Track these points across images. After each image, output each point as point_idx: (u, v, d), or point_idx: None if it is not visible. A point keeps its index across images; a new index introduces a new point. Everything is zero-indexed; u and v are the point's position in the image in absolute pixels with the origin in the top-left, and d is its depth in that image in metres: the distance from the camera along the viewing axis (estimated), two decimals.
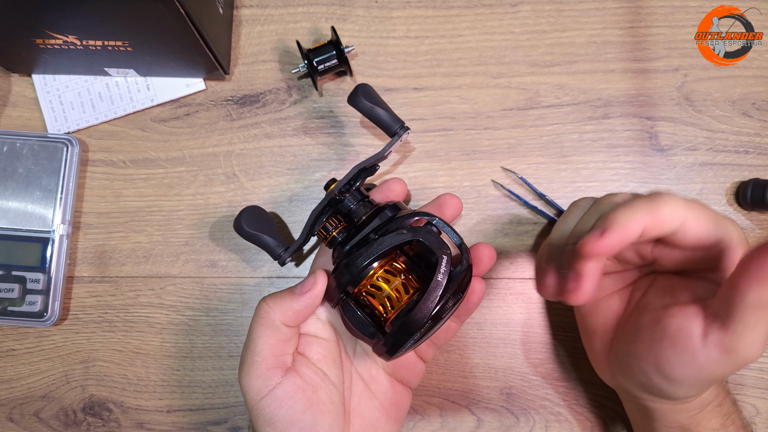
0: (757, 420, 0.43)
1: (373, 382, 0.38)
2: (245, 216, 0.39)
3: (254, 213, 0.39)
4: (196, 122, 0.45)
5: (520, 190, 0.44)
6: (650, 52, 0.45)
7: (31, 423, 0.44)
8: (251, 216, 0.39)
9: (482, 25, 0.45)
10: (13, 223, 0.43)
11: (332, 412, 0.34)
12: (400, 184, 0.39)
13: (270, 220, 0.40)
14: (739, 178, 0.44)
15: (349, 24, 0.45)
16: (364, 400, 0.37)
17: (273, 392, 0.33)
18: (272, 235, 0.39)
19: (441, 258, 0.32)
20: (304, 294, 0.34)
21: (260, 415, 0.33)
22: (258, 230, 0.39)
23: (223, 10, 0.42)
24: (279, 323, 0.33)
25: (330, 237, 0.36)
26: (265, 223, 0.39)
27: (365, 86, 0.38)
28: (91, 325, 0.44)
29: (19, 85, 0.45)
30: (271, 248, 0.39)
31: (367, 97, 0.38)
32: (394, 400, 0.38)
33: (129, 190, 0.45)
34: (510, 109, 0.45)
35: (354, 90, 0.38)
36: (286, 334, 0.34)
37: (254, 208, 0.39)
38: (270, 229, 0.39)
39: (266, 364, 0.33)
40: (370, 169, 0.39)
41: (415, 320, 0.30)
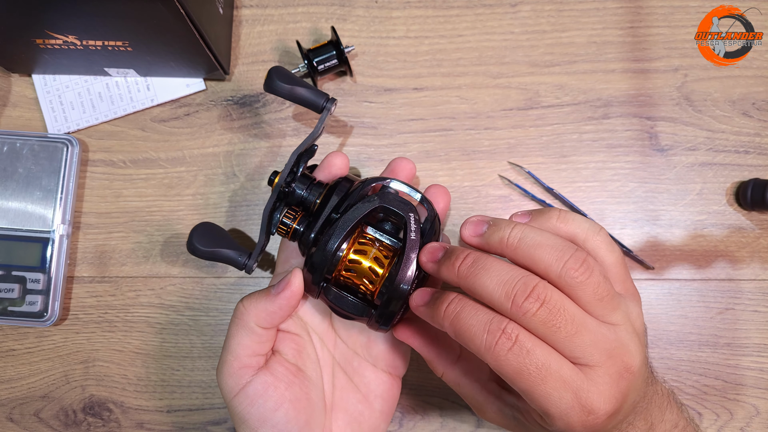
0: (756, 420, 0.43)
1: (355, 375, 0.38)
2: (196, 236, 0.36)
3: (205, 230, 0.37)
4: (196, 122, 0.45)
5: (527, 185, 0.44)
6: (650, 52, 0.45)
7: (31, 423, 0.44)
8: (202, 234, 0.37)
9: (482, 25, 0.45)
10: (13, 223, 0.43)
11: (309, 408, 0.34)
12: (341, 158, 0.38)
13: (223, 233, 0.38)
14: (739, 178, 0.44)
15: (349, 24, 0.45)
16: (347, 394, 0.37)
17: (244, 390, 0.33)
18: (230, 246, 0.37)
19: (408, 217, 0.32)
20: (278, 295, 0.33)
21: (234, 413, 0.33)
22: (214, 246, 0.36)
23: (223, 10, 0.42)
24: (253, 324, 0.33)
25: (291, 230, 0.35)
26: (218, 236, 0.37)
27: (279, 68, 0.37)
28: (91, 325, 0.44)
29: (19, 85, 0.45)
30: (232, 259, 0.37)
31: (284, 79, 0.36)
32: (378, 391, 0.38)
33: (129, 190, 0.45)
34: (510, 109, 0.45)
35: (268, 75, 0.37)
36: (261, 336, 0.34)
37: (203, 225, 0.37)
38: (226, 241, 0.37)
39: (238, 363, 0.33)
40: (309, 152, 0.37)
41: (401, 286, 0.31)
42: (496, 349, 0.26)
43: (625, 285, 0.31)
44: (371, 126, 0.45)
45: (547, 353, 0.26)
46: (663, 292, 0.44)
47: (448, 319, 0.28)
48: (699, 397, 0.43)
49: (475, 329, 0.27)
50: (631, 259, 0.44)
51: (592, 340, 0.27)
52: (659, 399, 0.32)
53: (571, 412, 0.26)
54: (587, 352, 0.26)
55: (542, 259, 0.28)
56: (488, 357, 0.27)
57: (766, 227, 0.44)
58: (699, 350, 0.44)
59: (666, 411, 0.32)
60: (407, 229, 0.31)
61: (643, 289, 0.44)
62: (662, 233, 0.44)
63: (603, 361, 0.27)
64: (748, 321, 0.44)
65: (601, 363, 0.27)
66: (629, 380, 0.27)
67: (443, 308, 0.29)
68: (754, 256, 0.44)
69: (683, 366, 0.44)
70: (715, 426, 0.43)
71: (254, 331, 0.34)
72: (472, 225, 0.31)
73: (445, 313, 0.29)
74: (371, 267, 0.33)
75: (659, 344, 0.44)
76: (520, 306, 0.26)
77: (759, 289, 0.44)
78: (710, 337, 0.44)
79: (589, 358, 0.26)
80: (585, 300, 0.27)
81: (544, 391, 0.26)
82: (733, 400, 0.43)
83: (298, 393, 0.34)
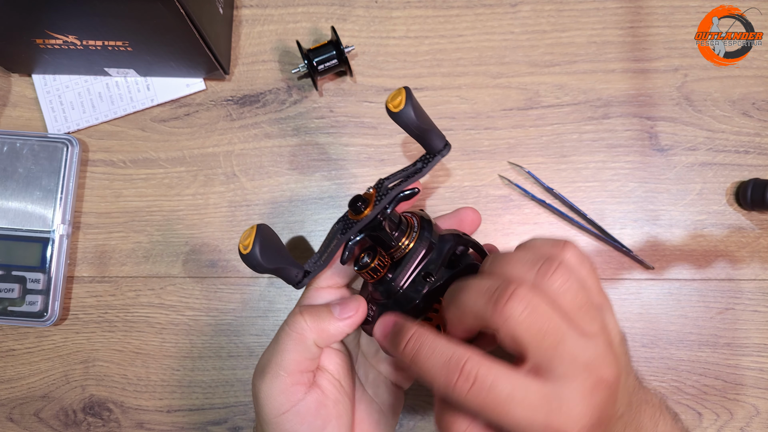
0: (756, 420, 0.43)
1: (371, 386, 0.38)
2: (262, 250, 0.30)
3: (265, 241, 0.30)
4: (196, 122, 0.45)
5: (527, 185, 0.44)
6: (650, 52, 0.45)
7: (31, 423, 0.44)
8: (264, 247, 0.30)
9: (482, 25, 0.45)
10: (13, 223, 0.43)
11: (347, 423, 0.34)
12: (474, 215, 0.37)
13: (279, 243, 0.32)
14: (739, 178, 0.44)
15: (349, 24, 0.45)
16: (364, 405, 0.37)
17: (295, 408, 0.32)
18: (287, 261, 0.32)
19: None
20: (344, 320, 0.33)
21: (279, 429, 0.32)
22: (275, 263, 0.31)
23: (223, 10, 0.42)
24: (311, 342, 0.32)
25: (380, 277, 0.33)
26: (277, 249, 0.32)
27: (410, 92, 0.31)
28: (91, 325, 0.44)
29: (19, 85, 0.45)
30: (288, 278, 0.33)
31: (417, 109, 0.31)
32: (390, 401, 0.38)
33: (129, 190, 0.45)
34: (510, 109, 0.45)
35: (407, 92, 0.31)
36: (315, 354, 0.33)
37: (263, 235, 0.30)
38: (283, 255, 0.32)
39: (291, 380, 0.32)
40: (409, 195, 0.33)
41: None
42: (456, 389, 0.25)
43: (599, 296, 0.30)
44: (371, 126, 0.45)
45: (510, 383, 0.25)
46: (663, 292, 0.44)
47: (408, 357, 0.28)
48: (699, 397, 0.43)
49: (435, 370, 0.26)
50: (631, 259, 0.44)
51: (571, 351, 0.26)
52: (651, 410, 0.31)
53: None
54: (564, 363, 0.26)
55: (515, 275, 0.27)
56: (450, 397, 0.26)
57: (766, 227, 0.44)
58: (699, 350, 0.44)
59: (659, 421, 0.31)
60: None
61: (643, 289, 0.44)
62: (662, 233, 0.44)
63: (578, 374, 0.26)
64: (748, 321, 0.44)
65: (576, 376, 0.26)
66: (604, 392, 0.26)
67: (402, 347, 0.28)
68: (754, 256, 0.44)
69: (683, 366, 0.43)
70: (715, 426, 0.43)
71: (311, 348, 0.32)
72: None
73: (404, 351, 0.28)
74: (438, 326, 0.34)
75: (659, 344, 0.44)
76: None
77: (759, 289, 0.44)
78: (710, 337, 0.44)
79: (564, 370, 0.26)
80: (566, 308, 0.27)
81: (513, 420, 0.25)
82: (733, 400, 0.43)
83: (341, 410, 0.34)
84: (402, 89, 0.31)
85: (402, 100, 0.31)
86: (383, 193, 0.32)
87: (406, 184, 0.33)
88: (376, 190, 0.33)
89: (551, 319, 0.26)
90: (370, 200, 0.32)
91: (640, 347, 0.44)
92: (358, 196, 0.32)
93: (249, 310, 0.44)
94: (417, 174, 0.34)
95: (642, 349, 0.44)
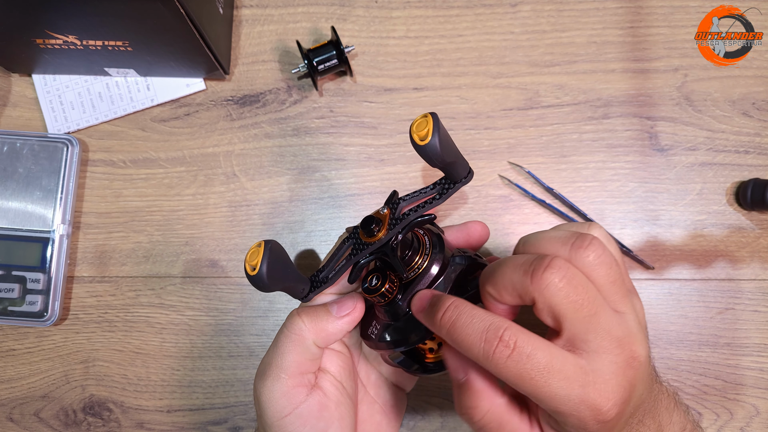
0: (756, 420, 0.43)
1: (372, 388, 0.38)
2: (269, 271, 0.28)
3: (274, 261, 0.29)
4: (196, 122, 0.45)
5: (527, 185, 0.44)
6: (650, 52, 0.45)
7: (32, 423, 0.44)
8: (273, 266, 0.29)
9: (482, 25, 0.45)
10: (13, 223, 0.43)
11: (350, 425, 0.34)
12: (482, 228, 0.36)
13: (286, 259, 0.31)
14: (739, 178, 0.44)
15: (349, 24, 0.45)
16: (366, 406, 0.37)
17: (297, 411, 0.31)
18: (293, 278, 0.32)
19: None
20: (342, 318, 0.32)
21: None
22: (281, 283, 0.30)
23: (223, 10, 0.42)
24: (311, 343, 0.32)
25: (389, 300, 0.32)
26: (283, 267, 0.30)
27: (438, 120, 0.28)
28: (91, 325, 0.44)
29: (19, 85, 0.45)
30: (295, 292, 0.33)
31: (444, 141, 0.28)
32: (392, 402, 0.38)
33: (129, 190, 0.45)
34: (510, 109, 0.45)
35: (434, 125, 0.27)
36: (315, 354, 0.33)
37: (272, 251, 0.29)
38: (290, 271, 0.31)
39: (292, 382, 0.32)
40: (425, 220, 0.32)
41: None
42: (495, 357, 0.25)
43: (628, 278, 0.31)
44: (371, 126, 0.45)
45: (548, 353, 0.25)
46: (663, 292, 0.44)
47: (444, 328, 0.28)
48: (699, 397, 0.43)
49: (472, 338, 0.26)
50: (631, 259, 0.44)
51: (605, 325, 0.26)
52: (666, 400, 0.32)
53: (581, 407, 0.25)
54: (599, 336, 0.26)
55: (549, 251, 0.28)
56: (488, 365, 0.26)
57: (766, 227, 0.44)
58: (699, 350, 0.44)
59: (674, 413, 0.32)
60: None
61: (643, 289, 0.44)
62: (662, 233, 0.44)
63: (612, 349, 0.26)
64: (748, 321, 0.44)
65: (609, 350, 0.26)
66: (636, 369, 0.27)
67: (439, 316, 0.28)
68: (754, 256, 0.44)
69: (683, 366, 0.43)
70: (715, 426, 0.43)
71: (310, 349, 0.32)
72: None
73: (441, 321, 0.28)
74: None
75: (659, 344, 0.44)
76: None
77: (759, 289, 0.44)
78: (710, 337, 0.44)
79: (599, 343, 0.26)
80: (599, 283, 0.27)
81: (549, 392, 0.25)
82: (733, 400, 0.43)
83: (343, 411, 0.34)
84: (429, 117, 0.27)
85: (429, 131, 0.27)
86: (398, 217, 0.31)
87: (423, 210, 0.31)
88: (390, 211, 0.31)
89: (588, 290, 0.26)
90: (384, 222, 0.31)
91: None
92: (371, 217, 0.31)
93: (249, 310, 0.44)
94: (434, 201, 0.32)
95: None
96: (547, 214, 0.44)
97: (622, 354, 0.26)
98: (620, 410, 0.26)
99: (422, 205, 0.32)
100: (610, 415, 0.26)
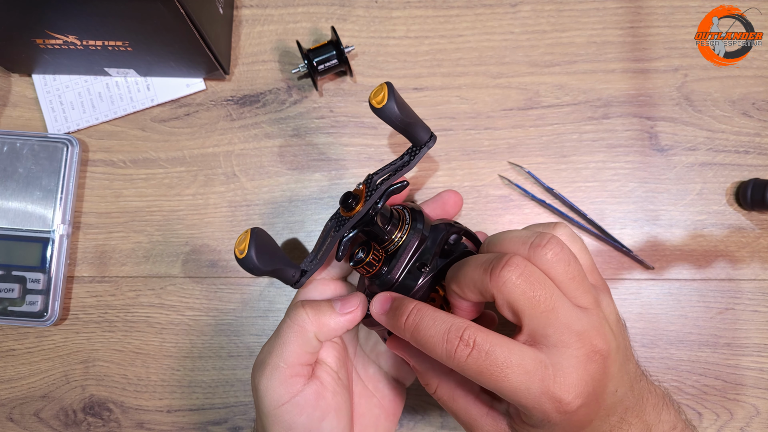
0: (756, 420, 0.43)
1: (370, 381, 0.38)
2: (257, 253, 0.30)
3: (261, 245, 0.30)
4: (196, 122, 0.45)
5: (527, 185, 0.44)
6: (650, 52, 0.45)
7: (32, 423, 0.44)
8: (261, 251, 0.30)
9: (482, 25, 0.45)
10: (13, 223, 0.43)
11: (346, 416, 0.34)
12: (456, 197, 0.38)
13: (274, 245, 0.32)
14: (739, 178, 0.44)
15: (349, 24, 0.45)
16: (364, 400, 0.37)
17: (294, 399, 0.32)
18: (283, 262, 0.32)
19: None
20: (344, 315, 0.33)
21: (278, 421, 0.32)
22: (271, 265, 0.31)
23: (223, 10, 0.42)
24: (312, 335, 0.33)
25: (375, 271, 0.33)
26: (272, 251, 0.31)
27: (393, 88, 0.32)
28: (91, 325, 0.44)
29: (19, 85, 0.45)
30: (285, 278, 0.33)
31: (400, 104, 0.32)
32: (391, 397, 0.39)
33: (129, 190, 0.45)
34: (510, 109, 0.45)
35: (389, 90, 0.31)
36: (315, 347, 0.33)
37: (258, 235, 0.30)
38: (279, 256, 0.32)
39: (291, 371, 0.32)
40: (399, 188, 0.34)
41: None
42: (456, 356, 0.27)
43: (594, 276, 0.32)
44: (371, 126, 0.45)
45: (507, 349, 0.27)
46: (663, 292, 0.44)
47: (408, 330, 0.29)
48: (699, 397, 0.43)
49: (435, 339, 0.28)
50: (631, 259, 0.44)
51: (564, 320, 0.27)
52: (654, 399, 0.32)
53: (542, 399, 0.26)
54: (558, 330, 0.27)
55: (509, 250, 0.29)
56: (451, 364, 0.28)
57: (766, 227, 0.44)
58: (699, 350, 0.44)
59: (662, 411, 0.32)
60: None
61: (643, 289, 0.44)
62: (662, 233, 0.44)
63: (571, 342, 0.27)
64: (748, 321, 0.44)
65: (569, 344, 0.27)
66: (598, 363, 0.27)
67: (403, 320, 0.29)
68: (754, 256, 0.44)
69: (683, 366, 0.44)
70: (715, 426, 0.43)
71: (311, 342, 0.33)
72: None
73: (405, 325, 0.29)
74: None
75: (659, 344, 0.44)
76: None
77: (759, 289, 0.44)
78: (710, 337, 0.44)
79: (558, 337, 0.27)
80: (559, 279, 0.28)
81: (510, 386, 0.26)
82: (733, 400, 0.43)
83: (339, 402, 0.34)
84: (384, 84, 0.31)
85: (384, 96, 0.31)
86: (373, 189, 0.32)
87: (395, 177, 0.33)
88: (366, 186, 0.33)
89: (544, 286, 0.27)
90: (361, 196, 0.33)
91: (640, 347, 0.44)
92: (348, 192, 0.33)
93: (249, 310, 0.44)
94: (405, 167, 0.34)
95: (642, 349, 0.44)
96: (547, 214, 0.44)
97: (583, 348, 0.27)
98: (585, 403, 0.27)
99: (393, 174, 0.34)
100: (573, 406, 0.26)
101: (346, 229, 0.33)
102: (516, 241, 0.29)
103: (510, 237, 0.30)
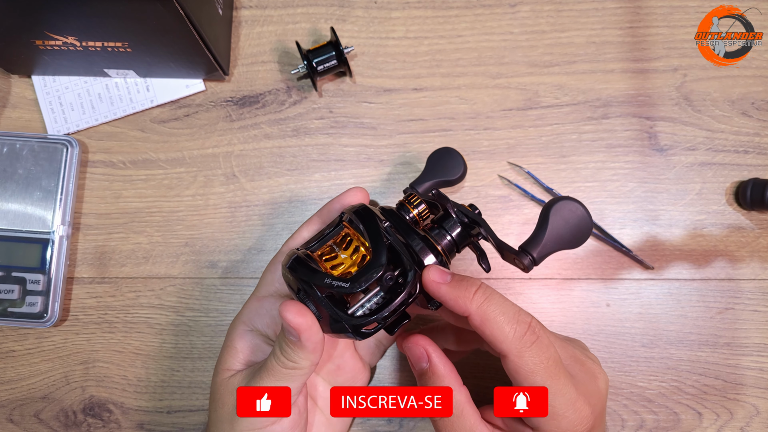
0: (756, 420, 0.43)
1: (320, 399, 0.37)
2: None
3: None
4: (195, 123, 0.45)
5: (526, 185, 0.44)
6: (650, 52, 0.45)
7: (32, 424, 0.44)
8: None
9: (481, 26, 0.45)
10: (12, 224, 0.43)
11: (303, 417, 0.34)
12: (362, 192, 0.36)
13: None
14: (738, 177, 0.44)
15: (348, 25, 0.45)
16: (317, 417, 0.37)
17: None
18: None
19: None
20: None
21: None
22: None
23: (222, 10, 0.42)
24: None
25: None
26: None
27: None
28: (91, 326, 0.44)
29: (18, 86, 0.45)
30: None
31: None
32: (350, 366, 0.38)
33: (129, 191, 0.45)
34: (509, 109, 0.45)
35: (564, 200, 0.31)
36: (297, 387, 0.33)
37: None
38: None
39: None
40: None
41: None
42: (523, 341, 0.29)
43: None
44: (371, 126, 0.45)
45: (559, 350, 0.31)
46: (663, 292, 0.44)
47: (476, 303, 0.30)
48: (699, 396, 0.43)
49: (504, 318, 0.29)
50: (631, 258, 0.44)
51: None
52: None
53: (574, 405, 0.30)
54: None
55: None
56: (514, 344, 0.29)
57: (765, 227, 0.44)
58: (699, 350, 0.44)
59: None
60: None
61: (642, 289, 0.44)
62: (662, 233, 0.44)
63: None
64: (748, 321, 0.44)
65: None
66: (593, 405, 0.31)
67: (472, 291, 0.30)
68: (754, 256, 0.44)
69: (683, 366, 0.43)
70: (715, 426, 0.43)
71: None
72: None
73: (474, 297, 0.30)
74: None
75: (659, 344, 0.44)
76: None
77: (759, 288, 0.44)
78: (710, 337, 0.44)
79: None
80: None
81: (556, 388, 0.29)
82: (733, 400, 0.43)
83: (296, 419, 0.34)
84: None
85: None
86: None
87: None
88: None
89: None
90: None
91: (640, 347, 0.44)
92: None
93: None
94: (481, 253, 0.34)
95: (642, 349, 0.44)
96: None
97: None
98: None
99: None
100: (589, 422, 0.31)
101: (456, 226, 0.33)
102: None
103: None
